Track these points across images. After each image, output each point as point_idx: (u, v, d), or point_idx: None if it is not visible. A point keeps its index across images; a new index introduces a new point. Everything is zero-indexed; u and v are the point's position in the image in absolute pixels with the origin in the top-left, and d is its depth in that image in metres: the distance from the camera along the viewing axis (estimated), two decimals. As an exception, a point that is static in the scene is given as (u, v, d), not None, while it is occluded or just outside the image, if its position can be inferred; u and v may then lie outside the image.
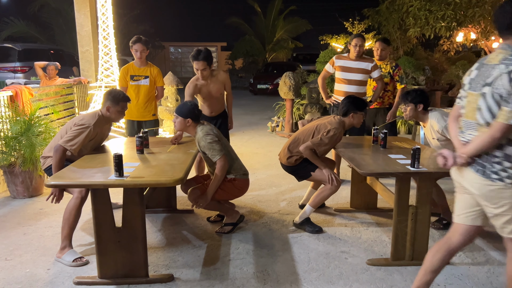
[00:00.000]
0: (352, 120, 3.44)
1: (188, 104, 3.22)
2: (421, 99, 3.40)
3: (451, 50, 10.42)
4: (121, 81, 4.36)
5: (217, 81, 4.02)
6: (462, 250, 3.14)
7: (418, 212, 2.84)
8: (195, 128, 3.22)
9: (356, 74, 4.52)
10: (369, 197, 3.94)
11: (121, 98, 3.27)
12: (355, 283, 2.68)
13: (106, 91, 3.29)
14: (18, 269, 2.85)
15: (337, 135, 3.38)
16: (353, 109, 3.41)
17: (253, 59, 21.13)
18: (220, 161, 3.11)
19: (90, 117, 3.19)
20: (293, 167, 3.57)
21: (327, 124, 3.41)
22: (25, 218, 3.74)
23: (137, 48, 4.23)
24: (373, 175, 3.29)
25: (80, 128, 3.08)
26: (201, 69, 3.80)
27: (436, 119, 3.36)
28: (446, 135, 3.31)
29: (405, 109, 3.47)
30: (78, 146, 3.05)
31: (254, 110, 11.38)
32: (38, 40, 16.21)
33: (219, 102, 4.17)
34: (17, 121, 4.34)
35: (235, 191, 3.36)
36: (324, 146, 3.37)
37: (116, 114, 3.28)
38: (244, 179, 3.38)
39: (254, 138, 7.45)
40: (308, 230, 3.46)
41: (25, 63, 10.14)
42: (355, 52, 4.48)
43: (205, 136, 3.12)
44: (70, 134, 3.05)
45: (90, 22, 6.49)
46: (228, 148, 3.36)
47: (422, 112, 3.43)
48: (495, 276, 2.78)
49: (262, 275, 2.78)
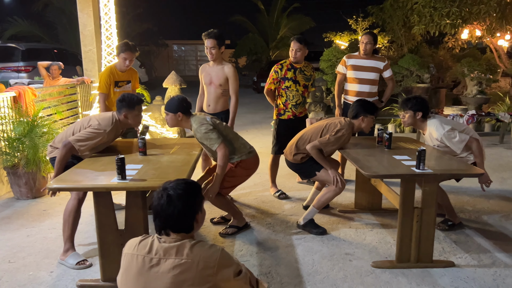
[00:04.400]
0: (361, 123, 3.42)
1: (175, 98, 3.17)
2: (421, 107, 3.36)
3: (456, 47, 10.32)
4: (103, 87, 4.02)
5: (221, 71, 3.94)
6: (468, 252, 3.11)
7: (423, 214, 2.81)
8: (188, 121, 3.17)
9: (369, 73, 4.40)
10: (373, 198, 3.91)
11: (135, 102, 3.19)
12: (359, 286, 2.65)
13: (117, 98, 3.20)
14: (21, 271, 2.85)
15: (345, 136, 3.37)
16: (363, 112, 3.39)
17: (256, 57, 21.06)
18: (219, 150, 3.07)
19: (107, 122, 3.11)
20: (298, 165, 3.55)
21: (337, 123, 3.39)
22: (28, 220, 3.74)
23: (126, 57, 3.96)
24: (377, 177, 3.26)
25: (95, 132, 3.03)
26: (210, 46, 3.84)
27: (435, 127, 3.32)
28: (445, 143, 3.31)
29: (403, 116, 3.44)
30: (87, 148, 3.03)
31: (257, 109, 11.35)
32: (42, 40, 16.21)
33: (217, 95, 3.99)
34: (20, 122, 4.34)
35: (245, 172, 3.35)
36: (331, 147, 3.36)
37: (134, 119, 3.20)
38: (251, 158, 3.33)
39: (257, 137, 7.42)
40: (312, 231, 3.43)
41: (28, 62, 10.15)
42: (363, 50, 4.36)
43: (199, 127, 3.08)
44: (83, 135, 3.01)
45: (93, 22, 6.46)
46: (225, 131, 3.25)
47: (421, 120, 3.40)
48: (502, 279, 2.74)
49: (266, 277, 2.76)
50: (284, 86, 4.14)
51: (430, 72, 8.87)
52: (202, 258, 1.55)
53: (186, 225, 1.62)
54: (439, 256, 3.04)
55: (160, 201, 1.60)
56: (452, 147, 3.30)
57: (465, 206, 4.04)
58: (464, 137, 3.27)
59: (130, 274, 1.59)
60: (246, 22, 22.61)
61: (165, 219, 1.59)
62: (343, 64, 4.53)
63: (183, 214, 1.60)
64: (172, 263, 1.53)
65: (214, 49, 3.85)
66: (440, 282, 2.70)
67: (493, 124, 7.80)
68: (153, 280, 1.54)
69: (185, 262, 1.53)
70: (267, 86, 4.23)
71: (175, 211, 1.58)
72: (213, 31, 3.85)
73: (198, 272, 1.52)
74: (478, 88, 8.34)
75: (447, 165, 2.97)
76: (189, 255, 1.54)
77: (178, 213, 1.58)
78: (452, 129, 3.29)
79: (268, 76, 4.22)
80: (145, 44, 20.83)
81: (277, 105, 4.25)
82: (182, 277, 1.52)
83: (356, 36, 11.60)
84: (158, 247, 1.58)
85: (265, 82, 4.32)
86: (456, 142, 3.28)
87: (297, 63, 4.16)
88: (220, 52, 3.91)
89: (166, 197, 1.60)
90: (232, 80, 3.96)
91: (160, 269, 1.54)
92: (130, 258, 1.61)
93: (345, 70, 4.51)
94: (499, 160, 5.72)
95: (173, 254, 1.55)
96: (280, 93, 4.20)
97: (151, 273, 1.55)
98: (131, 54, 4.00)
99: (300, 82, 4.15)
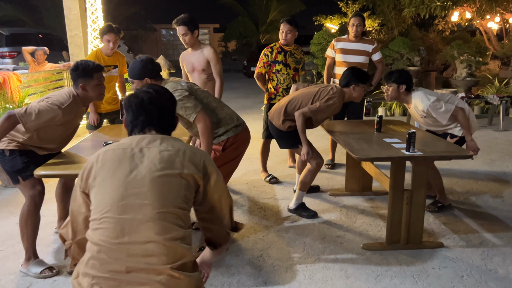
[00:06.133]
0: (352, 92, 3.31)
1: (138, 61, 2.63)
2: (404, 79, 3.31)
3: (446, 30, 10.34)
4: None
5: (201, 55, 3.75)
6: (457, 232, 3.15)
7: (413, 196, 2.83)
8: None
9: (357, 56, 4.35)
10: (364, 181, 3.93)
11: (92, 68, 2.63)
12: (350, 268, 2.68)
13: (71, 68, 2.66)
14: (11, 259, 2.82)
15: (336, 105, 3.28)
16: (355, 80, 3.28)
17: (246, 41, 20.88)
18: (198, 121, 2.53)
19: (63, 98, 2.52)
20: (283, 133, 3.43)
21: (329, 90, 3.28)
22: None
23: (109, 38, 3.88)
24: (368, 160, 3.27)
25: (49, 107, 2.44)
26: (182, 33, 3.65)
27: (420, 98, 3.27)
28: (431, 114, 3.27)
29: (387, 89, 3.37)
30: (35, 125, 2.43)
31: (248, 94, 11.29)
32: (26, 24, 15.85)
33: (203, 81, 3.81)
34: (5, 108, 4.26)
35: (235, 153, 2.85)
36: (321, 115, 3.28)
37: (95, 90, 2.64)
38: (240, 132, 2.83)
39: (248, 122, 7.33)
40: (303, 215, 3.44)
41: (13, 48, 9.94)
42: (353, 32, 4.31)
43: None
44: (34, 108, 2.42)
45: (78, 5, 6.32)
46: (206, 99, 2.74)
47: (405, 93, 3.34)
48: (489, 258, 2.79)
49: (257, 261, 2.77)
50: (275, 69, 4.10)
51: (420, 55, 8.87)
52: (188, 147, 1.50)
53: (170, 124, 1.58)
54: (428, 238, 3.08)
55: (145, 97, 1.52)
56: (438, 118, 3.29)
57: (454, 188, 4.09)
58: (450, 107, 3.25)
59: (107, 167, 1.43)
60: (235, 5, 22.31)
61: (151, 116, 1.52)
62: (332, 48, 4.48)
63: (170, 112, 1.57)
64: (157, 150, 1.45)
65: (187, 35, 3.64)
66: (429, 263, 2.74)
67: (482, 106, 7.87)
68: (139, 165, 1.41)
69: (171, 149, 1.46)
70: (258, 70, 4.18)
71: (165, 104, 1.54)
72: (181, 17, 3.62)
73: (186, 158, 1.45)
74: (467, 71, 8.36)
75: (436, 147, 2.98)
76: (174, 145, 1.48)
77: (167, 107, 1.55)
78: (438, 100, 3.25)
79: (258, 60, 4.17)
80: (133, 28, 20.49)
81: (268, 90, 4.21)
82: (171, 158, 1.44)
83: (346, 19, 11.52)
84: (140, 139, 1.48)
85: (255, 66, 4.25)
86: (442, 113, 3.25)
87: (287, 46, 4.11)
88: (194, 37, 3.69)
89: (154, 93, 1.54)
90: (213, 62, 3.76)
91: (144, 155, 1.43)
92: (103, 154, 1.46)
93: (334, 54, 4.47)
94: (488, 142, 5.78)
95: (157, 143, 1.47)
96: (270, 77, 4.16)
97: (135, 159, 1.42)
98: (114, 36, 3.89)
99: (290, 65, 4.11)
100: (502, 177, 4.39)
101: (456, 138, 3.40)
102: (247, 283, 2.53)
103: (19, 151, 2.59)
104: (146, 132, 1.52)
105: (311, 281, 2.54)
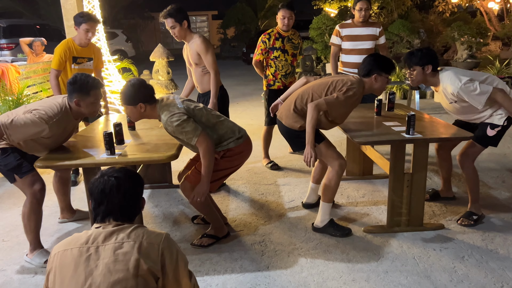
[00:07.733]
0: (373, 83, 2.78)
1: (129, 86, 2.49)
2: (429, 59, 2.81)
3: (447, 12, 10.23)
4: (56, 63, 3.62)
5: (191, 49, 3.48)
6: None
7: (414, 179, 2.84)
8: (154, 110, 2.54)
9: (365, 42, 4.13)
10: (364, 165, 3.93)
11: (91, 85, 2.53)
12: (352, 251, 2.71)
13: (68, 80, 2.58)
14: (15, 250, 2.86)
15: (356, 97, 2.75)
16: (377, 69, 2.75)
17: (245, 27, 20.68)
18: (200, 144, 2.48)
19: (53, 109, 2.48)
20: (294, 133, 2.88)
21: (346, 80, 2.76)
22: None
23: (88, 28, 3.59)
24: (368, 144, 3.26)
25: (35, 121, 2.38)
26: (170, 26, 3.38)
27: (450, 80, 2.76)
28: (463, 97, 2.75)
29: (410, 74, 2.89)
30: (21, 138, 2.45)
31: (247, 81, 11.24)
32: (23, 15, 15.75)
33: (199, 75, 3.57)
34: (5, 100, 4.25)
35: (235, 161, 2.76)
36: (339, 109, 2.78)
37: (89, 107, 2.58)
38: (241, 144, 2.72)
39: (248, 110, 7.38)
40: (336, 234, 2.89)
41: (11, 39, 9.89)
42: (361, 17, 4.06)
43: (169, 119, 2.45)
44: (20, 120, 2.38)
45: (74, -5, 6.25)
46: (205, 117, 2.61)
47: (431, 74, 2.84)
48: (490, 239, 2.81)
49: (260, 246, 2.80)
50: (273, 56, 4.07)
51: (420, 38, 8.80)
52: (146, 238, 1.43)
53: (133, 210, 1.53)
54: (429, 219, 3.09)
55: (106, 185, 1.48)
56: (472, 102, 2.74)
57: (455, 169, 4.09)
58: (486, 89, 2.70)
59: (63, 273, 1.37)
60: (233, -9, 22.04)
61: (112, 205, 1.48)
62: (337, 35, 4.22)
63: (133, 198, 1.51)
64: (112, 249, 1.39)
65: (175, 27, 3.37)
66: (430, 244, 2.76)
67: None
68: (94, 271, 1.35)
69: (126, 245, 1.39)
70: (256, 57, 4.14)
71: (126, 195, 1.49)
72: (167, 9, 3.38)
73: (142, 253, 1.39)
74: (468, 52, 8.30)
75: (436, 129, 2.97)
76: (131, 236, 1.42)
77: (128, 197, 1.49)
78: (471, 80, 2.71)
79: (256, 47, 4.14)
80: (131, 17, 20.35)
81: (266, 76, 4.19)
82: (126, 257, 1.38)
83: (345, 3, 11.39)
84: (96, 234, 1.43)
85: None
86: (476, 96, 2.70)
87: (285, 32, 4.07)
88: (184, 29, 3.40)
89: (114, 180, 1.48)
90: (203, 54, 3.42)
91: (99, 257, 1.38)
92: (61, 256, 1.41)
93: (341, 41, 4.23)
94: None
95: (113, 239, 1.41)
96: (269, 64, 4.13)
97: (90, 264, 1.37)
98: (93, 25, 3.63)
99: (288, 51, 4.08)
100: (503, 159, 4.39)
101: (498, 128, 2.87)
102: (250, 268, 2.56)
103: (11, 149, 2.56)
104: (106, 221, 1.48)
105: (313, 265, 2.57)
